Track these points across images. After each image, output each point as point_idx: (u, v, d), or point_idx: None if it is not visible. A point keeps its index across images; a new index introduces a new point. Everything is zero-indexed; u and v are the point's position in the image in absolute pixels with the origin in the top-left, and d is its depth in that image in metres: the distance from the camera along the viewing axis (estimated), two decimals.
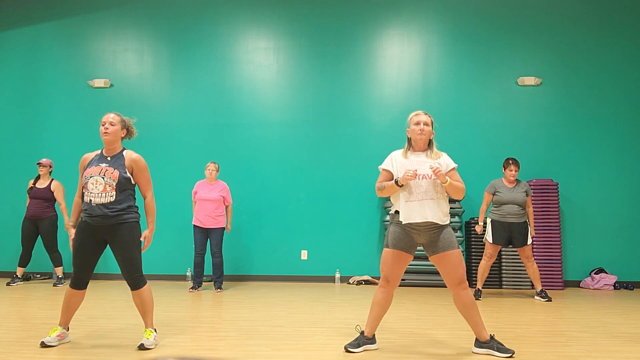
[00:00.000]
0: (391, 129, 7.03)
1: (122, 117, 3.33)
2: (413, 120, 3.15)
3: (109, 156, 3.24)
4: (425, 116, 3.13)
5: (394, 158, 3.17)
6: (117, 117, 3.28)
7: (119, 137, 3.26)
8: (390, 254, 3.07)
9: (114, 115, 3.27)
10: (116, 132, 3.23)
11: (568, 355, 3.02)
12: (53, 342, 3.12)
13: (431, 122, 3.14)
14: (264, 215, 7.03)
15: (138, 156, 3.29)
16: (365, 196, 6.96)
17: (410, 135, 3.16)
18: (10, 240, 7.10)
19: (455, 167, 3.13)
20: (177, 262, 6.92)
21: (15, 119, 7.43)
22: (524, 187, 5.40)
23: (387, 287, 3.10)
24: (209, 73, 7.31)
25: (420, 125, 3.09)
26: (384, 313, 3.13)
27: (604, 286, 6.35)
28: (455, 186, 3.03)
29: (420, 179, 3.02)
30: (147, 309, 3.20)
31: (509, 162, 5.43)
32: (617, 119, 6.88)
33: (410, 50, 7.19)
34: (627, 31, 6.98)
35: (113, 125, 3.22)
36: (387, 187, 3.08)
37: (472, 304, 3.02)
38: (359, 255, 6.86)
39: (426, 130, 3.09)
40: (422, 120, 3.11)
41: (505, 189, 5.38)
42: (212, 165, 5.95)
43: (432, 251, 3.05)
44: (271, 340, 3.36)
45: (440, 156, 3.13)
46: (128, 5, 7.50)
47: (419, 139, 3.11)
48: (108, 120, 3.23)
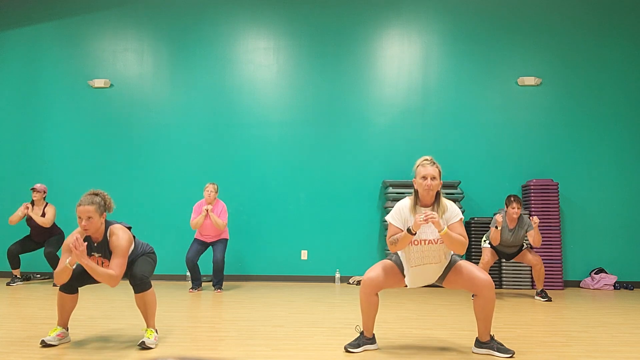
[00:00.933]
0: (391, 129, 7.03)
1: (96, 199, 3.05)
2: (420, 172, 2.94)
3: (95, 243, 3.13)
4: (433, 167, 2.93)
5: (401, 212, 3.00)
6: (92, 205, 3.00)
7: (99, 224, 3.07)
8: (392, 268, 3.07)
9: (88, 206, 2.99)
10: (95, 222, 3.02)
11: (568, 355, 3.02)
12: (53, 342, 3.12)
13: (439, 172, 2.95)
14: (264, 215, 7.03)
15: (116, 236, 3.07)
16: (365, 196, 6.96)
17: (417, 188, 2.98)
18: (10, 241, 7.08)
19: (460, 219, 2.96)
20: (177, 262, 6.90)
21: (15, 119, 7.43)
22: (524, 226, 5.22)
23: (367, 289, 3.03)
24: (209, 73, 7.31)
25: (428, 181, 2.90)
26: (375, 313, 3.10)
27: (604, 286, 6.35)
28: (453, 238, 2.84)
29: (426, 244, 2.93)
30: (150, 310, 3.19)
31: (510, 200, 5.21)
32: (617, 119, 6.88)
33: (410, 50, 7.19)
34: (627, 31, 6.98)
35: (90, 218, 3.00)
36: (400, 239, 2.90)
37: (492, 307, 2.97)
38: (359, 255, 6.86)
39: (433, 185, 2.91)
40: (429, 174, 2.90)
41: (506, 230, 5.25)
42: (210, 186, 5.84)
43: (440, 281, 3.07)
44: (271, 340, 3.36)
45: (446, 209, 2.97)
46: (128, 5, 7.50)
47: (425, 194, 2.95)
48: (84, 215, 2.98)
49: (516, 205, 5.18)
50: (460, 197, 6.44)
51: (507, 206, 5.24)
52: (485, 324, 2.99)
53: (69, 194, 6.69)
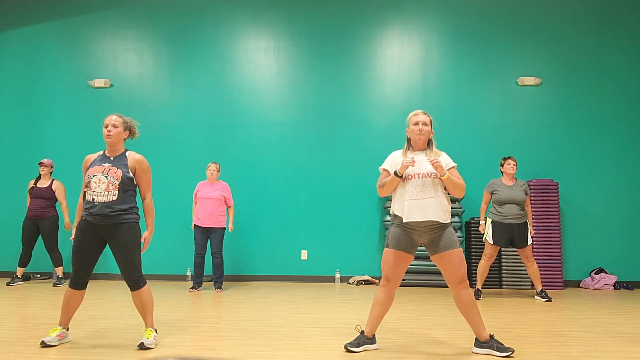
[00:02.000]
0: (391, 129, 7.03)
1: (124, 118, 3.34)
2: (412, 120, 3.14)
3: (112, 156, 3.26)
4: (424, 116, 3.12)
5: (393, 158, 3.17)
6: (120, 118, 3.29)
7: (121, 139, 3.29)
8: (391, 254, 3.07)
9: (116, 117, 3.28)
10: (119, 134, 3.25)
11: (568, 355, 3.02)
12: (53, 342, 3.12)
13: (430, 121, 3.13)
14: (264, 215, 7.03)
15: (141, 157, 3.32)
16: (365, 196, 6.96)
17: (410, 135, 3.16)
18: (10, 240, 7.10)
19: (454, 165, 3.11)
20: (177, 262, 6.92)
21: (15, 119, 7.43)
22: (522, 185, 5.40)
23: (388, 287, 3.10)
24: (209, 73, 7.31)
25: (419, 125, 3.09)
26: (385, 313, 3.13)
27: (604, 286, 6.35)
28: (454, 181, 3.01)
29: (420, 177, 3.01)
30: (147, 309, 3.20)
31: (505, 158, 5.47)
32: (617, 119, 6.88)
33: (410, 50, 7.19)
34: (627, 31, 6.98)
35: (116, 127, 3.24)
36: (387, 182, 3.07)
37: (473, 304, 3.02)
38: (359, 255, 6.86)
39: (425, 130, 3.09)
40: (420, 120, 3.10)
41: (504, 187, 5.36)
42: (213, 165, 5.95)
43: (434, 251, 3.05)
44: (271, 340, 3.36)
45: (440, 155, 3.12)
46: (128, 5, 7.50)
47: (418, 139, 3.11)
48: (110, 122, 3.25)
49: (512, 161, 5.41)
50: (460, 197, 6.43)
51: (503, 164, 5.44)
52: (474, 322, 3.03)
53: (69, 193, 6.69)
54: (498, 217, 5.32)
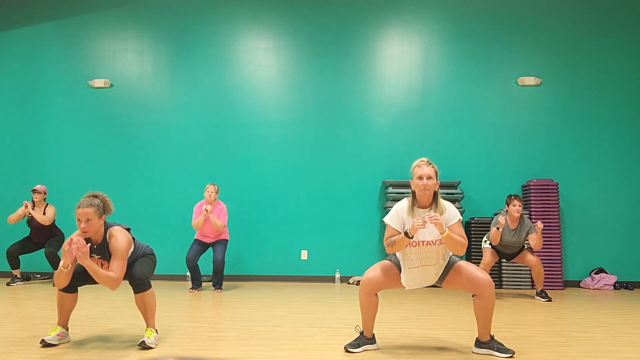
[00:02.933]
0: (391, 129, 7.03)
1: (95, 201, 3.03)
2: (416, 172, 2.93)
3: (95, 245, 3.11)
4: (429, 167, 2.92)
5: (399, 214, 3.00)
6: (90, 208, 2.97)
7: (99, 226, 3.05)
8: (390, 268, 3.06)
9: (87, 209, 2.97)
10: (94, 225, 3.00)
11: (568, 355, 3.02)
12: (53, 341, 3.12)
13: (435, 173, 2.93)
14: (264, 215, 7.03)
15: (115, 238, 3.05)
16: (365, 196, 6.96)
17: (414, 189, 2.97)
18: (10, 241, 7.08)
19: (459, 220, 2.95)
20: (177, 262, 6.90)
21: (15, 119, 7.43)
22: (526, 228, 5.19)
23: (368, 289, 3.03)
24: (209, 73, 7.31)
25: (424, 181, 2.89)
26: (375, 312, 3.09)
27: (604, 286, 6.35)
28: (454, 240, 2.84)
29: (424, 245, 2.93)
30: (149, 311, 3.19)
31: (511, 198, 5.20)
32: (617, 119, 6.88)
33: (410, 50, 7.19)
34: (627, 31, 6.98)
35: (90, 220, 2.98)
36: (397, 242, 2.90)
37: (493, 308, 2.96)
38: (359, 255, 6.86)
39: (430, 184, 2.89)
40: (425, 174, 2.90)
41: (507, 230, 5.20)
42: (211, 187, 5.83)
43: (440, 282, 3.07)
44: (271, 340, 3.36)
45: (444, 210, 2.96)
46: (128, 5, 7.50)
47: (422, 195, 2.93)
48: (83, 217, 2.96)
49: (517, 203, 5.16)
50: (460, 197, 6.44)
51: (509, 204, 5.22)
52: (485, 324, 2.99)
53: (69, 194, 6.69)
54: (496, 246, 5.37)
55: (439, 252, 2.96)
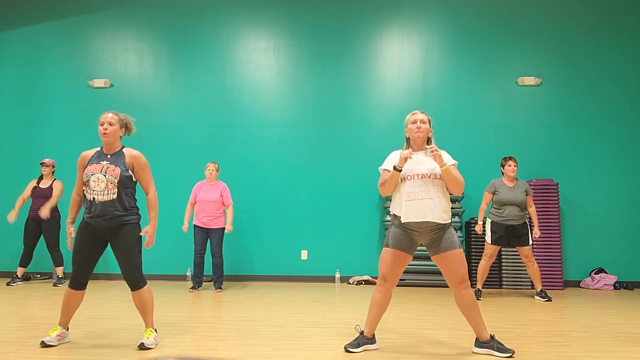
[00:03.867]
0: (391, 129, 7.03)
1: (120, 115, 3.32)
2: (410, 119, 3.15)
3: (109, 154, 3.24)
4: (422, 114, 3.13)
5: (392, 157, 3.16)
6: (115, 116, 3.26)
7: (118, 137, 3.26)
8: (390, 253, 3.07)
9: (112, 114, 3.26)
10: (115, 131, 3.23)
11: (568, 355, 3.02)
12: (53, 342, 3.12)
13: (428, 120, 3.14)
14: (264, 215, 7.04)
15: (138, 153, 3.29)
16: (365, 196, 6.96)
17: (408, 134, 3.16)
18: (10, 240, 7.10)
19: (454, 163, 3.08)
20: (177, 262, 6.91)
21: (15, 119, 7.43)
22: (523, 186, 5.38)
23: (385, 287, 3.09)
24: (209, 73, 7.31)
25: (417, 124, 3.09)
26: (383, 312, 3.13)
27: (604, 286, 6.35)
28: (453, 174, 2.96)
29: (419, 178, 3.00)
30: (147, 309, 3.19)
31: (506, 159, 5.44)
32: (617, 119, 6.88)
33: (410, 50, 7.19)
34: (627, 31, 6.98)
35: (112, 125, 3.22)
36: (387, 178, 3.03)
37: (474, 304, 3.01)
38: (359, 255, 6.86)
39: (423, 127, 3.09)
40: (418, 118, 3.10)
41: (505, 188, 5.35)
42: (212, 165, 5.95)
43: (434, 251, 3.04)
44: (271, 340, 3.36)
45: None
46: (128, 5, 7.50)
47: (416, 137, 3.10)
48: (106, 120, 3.22)
49: (512, 163, 5.37)
50: (460, 197, 6.44)
51: (504, 166, 5.41)
52: (475, 322, 3.02)
53: (69, 194, 6.68)
54: (498, 218, 5.31)
55: (435, 184, 2.99)
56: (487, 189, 5.46)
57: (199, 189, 5.92)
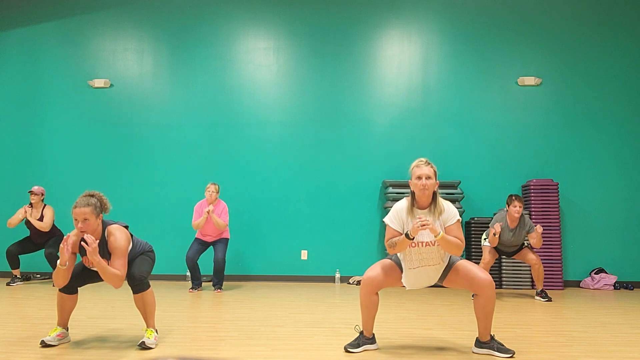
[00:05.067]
0: (391, 129, 7.03)
1: (92, 200, 3.00)
2: (414, 172, 2.93)
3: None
4: (427, 167, 2.91)
5: (399, 214, 2.99)
6: (88, 208, 2.95)
7: (96, 225, 3.03)
8: (391, 267, 3.06)
9: (84, 208, 2.94)
10: (92, 224, 2.98)
11: (568, 355, 3.02)
12: (53, 342, 3.12)
13: (434, 173, 2.92)
14: (264, 215, 7.03)
15: (114, 237, 3.04)
16: (365, 196, 6.96)
17: (413, 189, 2.95)
18: (10, 241, 7.08)
19: (457, 220, 2.94)
20: (177, 262, 6.91)
21: (15, 119, 7.43)
22: (525, 227, 5.19)
23: (368, 288, 3.02)
24: (209, 73, 7.31)
25: (422, 180, 2.88)
26: (375, 312, 3.09)
27: (604, 286, 6.35)
28: (449, 241, 2.84)
29: (423, 246, 2.93)
30: (149, 311, 3.19)
31: (512, 198, 5.16)
32: (617, 119, 6.88)
33: (410, 50, 7.19)
34: (627, 31, 6.98)
35: (87, 220, 2.95)
36: (398, 243, 2.90)
37: (493, 307, 2.96)
38: (359, 255, 6.86)
39: (429, 184, 2.89)
40: (424, 173, 2.89)
41: (507, 230, 5.21)
42: (212, 186, 5.83)
43: (441, 280, 3.06)
44: (271, 340, 3.36)
45: (443, 210, 2.95)
46: (128, 5, 7.50)
47: (421, 195, 2.92)
48: (81, 217, 2.94)
49: (518, 204, 5.13)
50: (460, 197, 6.44)
51: (509, 205, 5.19)
52: (486, 323, 2.99)
53: (69, 194, 6.68)
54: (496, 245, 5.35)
55: (439, 252, 2.96)
56: (491, 225, 5.19)
57: (199, 211, 5.84)
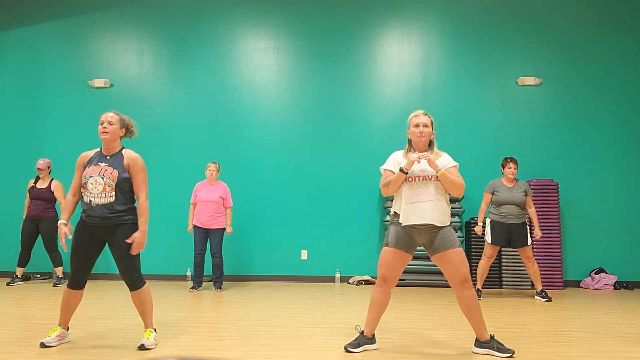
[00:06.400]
0: (391, 129, 7.03)
1: (122, 115, 3.29)
2: (412, 121, 3.11)
3: (108, 155, 3.21)
4: (425, 117, 3.09)
5: (395, 158, 3.15)
6: (116, 115, 3.24)
7: (117, 136, 3.23)
8: (390, 253, 3.06)
9: (112, 114, 3.23)
10: (115, 131, 3.20)
11: (568, 355, 3.02)
12: (53, 343, 3.12)
13: (431, 122, 3.10)
14: (264, 215, 7.03)
15: (137, 155, 3.26)
16: (365, 196, 6.96)
17: (411, 137, 3.13)
18: (10, 240, 7.10)
19: (455, 165, 3.08)
20: (177, 262, 6.91)
21: (15, 119, 7.43)
22: (522, 186, 5.38)
23: (384, 287, 3.08)
24: (208, 73, 7.31)
25: (420, 128, 3.06)
26: (382, 312, 3.12)
27: (604, 286, 6.35)
28: (450, 178, 2.96)
29: (420, 180, 3.00)
30: (146, 309, 3.19)
31: (507, 160, 5.43)
32: (617, 119, 6.88)
33: (410, 50, 7.19)
34: (628, 31, 6.98)
35: (112, 124, 3.19)
36: (392, 179, 3.02)
37: (476, 304, 3.00)
38: (359, 255, 6.86)
39: (426, 131, 3.06)
40: (421, 121, 3.07)
41: (504, 188, 5.36)
42: (212, 165, 5.94)
43: (433, 251, 3.04)
44: (271, 340, 3.36)
45: (441, 156, 3.10)
46: (128, 5, 7.50)
47: (418, 141, 3.08)
48: (107, 119, 3.19)
49: (512, 165, 5.36)
50: (460, 197, 6.43)
51: (504, 167, 5.42)
52: (476, 322, 3.01)
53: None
54: (497, 217, 5.32)
55: (436, 186, 2.99)
56: (486, 190, 5.47)
57: (200, 189, 5.91)
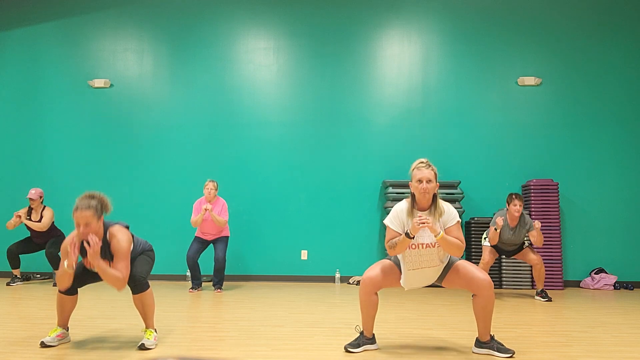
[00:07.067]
0: (391, 129, 7.03)
1: (92, 202, 2.95)
2: (415, 175, 2.91)
3: None
4: (428, 170, 2.89)
5: (399, 216, 2.98)
6: (89, 211, 2.90)
7: (98, 228, 2.98)
8: (391, 267, 3.06)
9: (85, 212, 2.89)
10: (93, 227, 2.94)
11: (568, 355, 3.02)
12: (53, 342, 3.12)
13: (435, 175, 2.91)
14: (264, 215, 7.03)
15: (116, 239, 3.00)
16: (365, 196, 6.96)
17: (413, 192, 2.94)
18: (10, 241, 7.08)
19: (457, 222, 2.94)
20: (177, 262, 6.91)
21: (15, 119, 7.43)
22: (526, 226, 5.19)
23: (368, 289, 3.03)
24: (208, 73, 7.31)
25: (423, 184, 2.87)
26: (375, 312, 3.09)
27: (604, 286, 6.35)
28: (450, 242, 2.83)
29: (424, 247, 2.92)
30: (148, 311, 3.18)
31: (512, 197, 5.17)
32: (617, 119, 6.88)
33: (410, 50, 7.19)
34: (628, 31, 6.98)
35: (88, 224, 2.91)
36: (399, 243, 2.89)
37: (492, 307, 2.96)
38: (359, 255, 6.86)
39: (429, 188, 2.88)
40: (424, 177, 2.87)
41: (507, 229, 5.21)
42: (210, 184, 5.81)
43: (440, 280, 3.06)
44: (271, 340, 3.36)
45: (443, 212, 2.94)
46: (128, 5, 7.50)
47: (422, 198, 2.92)
48: (82, 221, 2.89)
49: (518, 203, 5.13)
50: (460, 197, 6.44)
51: (509, 204, 5.19)
52: (485, 323, 2.99)
53: (69, 194, 6.65)
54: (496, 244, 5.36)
55: (438, 254, 2.96)
56: (491, 225, 5.17)
57: (199, 207, 5.83)
